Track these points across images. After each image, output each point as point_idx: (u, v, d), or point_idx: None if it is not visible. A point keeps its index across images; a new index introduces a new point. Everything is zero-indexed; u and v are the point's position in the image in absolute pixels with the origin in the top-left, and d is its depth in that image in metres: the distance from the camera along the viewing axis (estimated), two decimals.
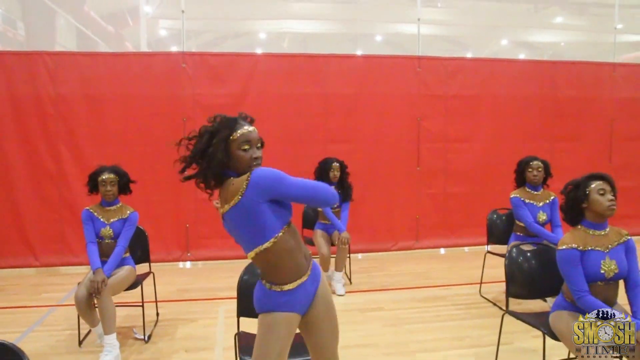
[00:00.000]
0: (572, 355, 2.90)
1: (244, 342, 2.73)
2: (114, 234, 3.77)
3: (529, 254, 3.16)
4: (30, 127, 5.79)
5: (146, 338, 3.86)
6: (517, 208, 4.34)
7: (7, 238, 5.73)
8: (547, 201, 4.36)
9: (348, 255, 5.25)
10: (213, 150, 2.04)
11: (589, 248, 2.58)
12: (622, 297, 2.65)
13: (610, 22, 7.31)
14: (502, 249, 4.06)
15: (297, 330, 2.22)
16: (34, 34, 13.83)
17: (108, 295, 3.50)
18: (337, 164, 5.07)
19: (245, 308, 2.82)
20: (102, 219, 3.77)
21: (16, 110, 5.77)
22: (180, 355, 3.62)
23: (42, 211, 5.83)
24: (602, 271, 2.55)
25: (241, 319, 2.83)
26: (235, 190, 1.97)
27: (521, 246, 3.25)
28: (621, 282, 2.66)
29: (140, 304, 3.87)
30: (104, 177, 3.79)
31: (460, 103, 6.48)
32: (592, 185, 2.59)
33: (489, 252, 4.73)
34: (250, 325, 2.57)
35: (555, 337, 2.67)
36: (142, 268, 4.16)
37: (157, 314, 4.32)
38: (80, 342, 3.79)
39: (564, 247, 2.59)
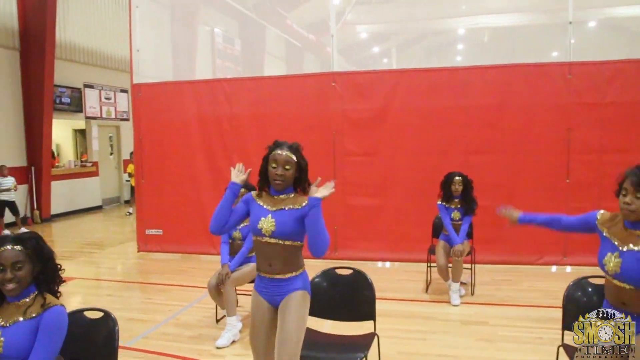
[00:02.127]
0: None
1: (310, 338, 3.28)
2: (242, 237, 4.61)
3: (589, 289, 3.09)
4: (212, 140, 7.10)
5: None
6: None
7: (194, 230, 7.12)
8: None
9: (471, 266, 5.41)
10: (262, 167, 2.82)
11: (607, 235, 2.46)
12: None
13: None
14: None
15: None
16: (249, 48, 16.01)
17: (231, 286, 4.34)
18: (460, 178, 5.21)
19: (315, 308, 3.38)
20: None
21: (203, 128, 7.12)
22: None
23: None
24: (604, 263, 2.42)
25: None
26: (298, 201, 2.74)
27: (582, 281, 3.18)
28: None
29: None
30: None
31: (619, 110, 5.96)
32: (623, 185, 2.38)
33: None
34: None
35: None
36: None
37: None
38: (217, 320, 4.76)
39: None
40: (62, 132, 12.48)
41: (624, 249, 2.34)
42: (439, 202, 5.29)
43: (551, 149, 6.16)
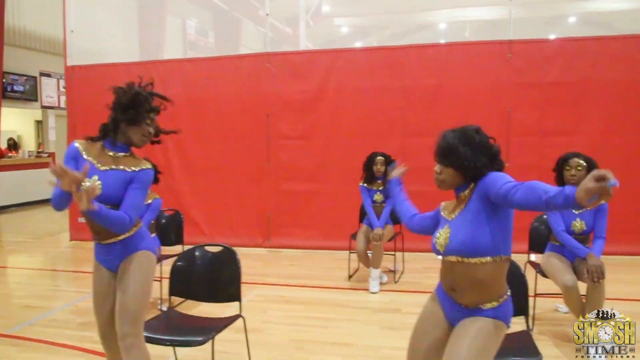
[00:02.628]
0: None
1: (172, 321, 3.01)
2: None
3: None
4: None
5: (164, 308, 4.35)
6: (548, 213, 3.75)
7: None
8: (590, 207, 3.67)
9: (396, 253, 5.15)
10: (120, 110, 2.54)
11: None
12: None
13: None
14: None
15: None
16: (223, 41, 15.73)
17: None
18: (382, 158, 4.95)
19: (177, 289, 3.10)
20: None
21: None
22: None
23: None
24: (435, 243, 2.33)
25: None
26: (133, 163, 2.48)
27: None
28: None
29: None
30: None
31: (560, 90, 5.69)
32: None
33: (530, 262, 4.17)
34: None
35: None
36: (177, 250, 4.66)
37: None
38: None
39: None
40: (23, 123, 12.18)
41: (452, 218, 2.15)
42: (361, 184, 5.02)
43: (491, 131, 5.79)
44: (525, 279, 2.74)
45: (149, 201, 4.36)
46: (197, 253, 3.14)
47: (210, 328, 2.82)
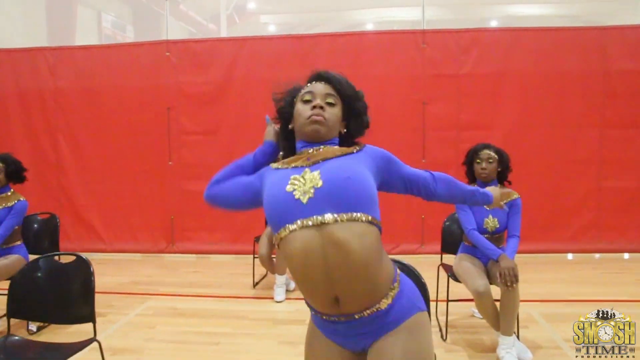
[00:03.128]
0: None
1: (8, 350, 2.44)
2: None
3: None
4: (34, 119, 6.07)
5: (35, 329, 3.74)
6: (458, 210, 3.43)
7: None
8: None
9: None
10: None
11: None
12: None
13: None
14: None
15: None
16: (142, 36, 14.97)
17: None
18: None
19: (16, 309, 2.52)
20: None
21: (22, 103, 6.07)
22: None
23: (42, 198, 6.06)
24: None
25: None
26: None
27: None
28: None
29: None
30: None
31: (476, 82, 5.48)
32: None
33: (442, 265, 3.86)
34: None
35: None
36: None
37: None
38: None
39: None
40: None
41: (317, 163, 1.69)
42: None
43: (406, 125, 5.58)
44: (426, 285, 2.34)
45: (11, 203, 3.75)
46: (40, 264, 2.59)
47: (51, 358, 2.29)
